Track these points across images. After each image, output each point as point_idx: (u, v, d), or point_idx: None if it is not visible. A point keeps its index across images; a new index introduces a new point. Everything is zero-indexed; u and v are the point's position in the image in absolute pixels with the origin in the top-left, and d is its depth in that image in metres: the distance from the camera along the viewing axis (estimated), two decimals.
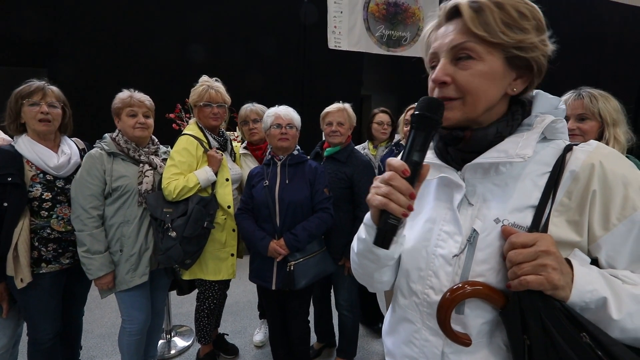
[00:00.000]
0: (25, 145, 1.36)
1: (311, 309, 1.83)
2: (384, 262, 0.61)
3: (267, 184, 1.57)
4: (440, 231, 0.58)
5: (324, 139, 1.88)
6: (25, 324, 1.47)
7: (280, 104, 1.66)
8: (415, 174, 0.51)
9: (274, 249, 1.51)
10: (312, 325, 1.90)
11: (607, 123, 1.19)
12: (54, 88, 1.43)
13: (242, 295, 2.81)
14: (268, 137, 1.63)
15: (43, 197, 1.37)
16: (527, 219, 0.51)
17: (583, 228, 0.49)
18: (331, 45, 3.89)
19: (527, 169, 0.54)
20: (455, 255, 0.55)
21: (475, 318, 0.53)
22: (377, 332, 2.30)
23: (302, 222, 1.55)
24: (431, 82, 0.56)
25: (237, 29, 3.79)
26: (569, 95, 1.26)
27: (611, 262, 0.49)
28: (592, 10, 4.85)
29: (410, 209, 0.51)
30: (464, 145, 0.57)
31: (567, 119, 1.23)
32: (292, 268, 1.53)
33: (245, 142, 2.08)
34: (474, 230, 0.54)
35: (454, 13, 0.53)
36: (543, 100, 0.56)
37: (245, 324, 2.41)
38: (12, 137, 1.42)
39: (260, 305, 2.31)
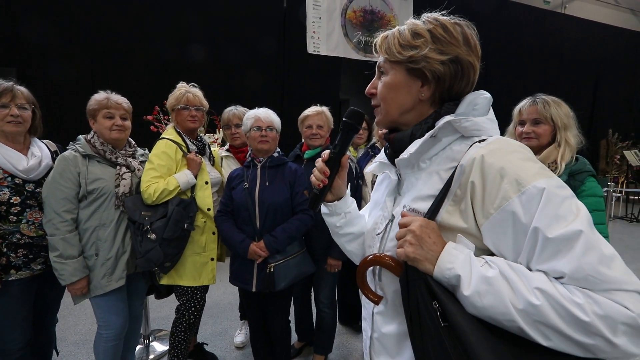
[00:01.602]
0: None
1: (292, 309, 1.85)
2: (334, 230, 0.82)
3: (246, 186, 1.59)
4: (382, 216, 0.72)
5: (303, 141, 1.92)
6: None
7: (260, 106, 1.68)
8: (335, 162, 0.71)
9: (254, 251, 1.52)
10: (292, 324, 1.92)
11: (559, 127, 1.30)
12: (23, 89, 1.38)
13: (223, 297, 2.79)
14: (248, 139, 1.64)
15: (11, 201, 1.32)
16: (426, 206, 0.60)
17: (468, 216, 0.56)
18: (310, 50, 3.96)
19: (439, 165, 0.62)
20: (378, 234, 0.70)
21: (388, 285, 0.66)
22: (356, 330, 2.36)
23: (282, 224, 1.57)
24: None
25: (217, 33, 3.77)
26: (525, 102, 1.37)
27: (500, 251, 0.54)
28: (552, 25, 5.21)
29: (323, 182, 0.70)
30: (390, 146, 0.69)
31: (523, 123, 1.36)
32: (272, 270, 1.54)
33: (228, 144, 2.08)
34: (393, 214, 0.68)
35: None
36: (470, 100, 0.61)
37: (225, 326, 2.40)
38: None
39: (241, 306, 2.31)
